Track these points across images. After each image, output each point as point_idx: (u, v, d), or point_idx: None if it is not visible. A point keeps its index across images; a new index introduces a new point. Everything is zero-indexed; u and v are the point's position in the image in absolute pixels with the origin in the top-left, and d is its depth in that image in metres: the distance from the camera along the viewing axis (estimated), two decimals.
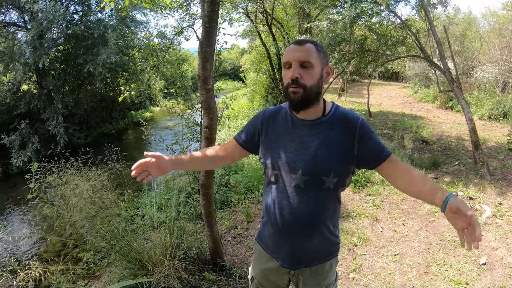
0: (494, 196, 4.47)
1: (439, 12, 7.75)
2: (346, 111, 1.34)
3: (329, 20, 6.92)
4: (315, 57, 1.24)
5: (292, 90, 1.24)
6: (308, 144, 1.29)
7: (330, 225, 1.36)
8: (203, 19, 1.67)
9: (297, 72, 1.23)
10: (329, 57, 1.33)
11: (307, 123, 1.31)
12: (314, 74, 1.24)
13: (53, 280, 3.35)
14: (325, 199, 1.31)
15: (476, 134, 5.46)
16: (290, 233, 1.34)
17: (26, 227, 5.67)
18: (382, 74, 21.84)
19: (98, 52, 9.37)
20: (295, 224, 1.32)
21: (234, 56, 30.97)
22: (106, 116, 13.59)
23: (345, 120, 1.30)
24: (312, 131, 1.30)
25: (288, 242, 1.36)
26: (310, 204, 1.29)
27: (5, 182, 8.05)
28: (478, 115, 10.08)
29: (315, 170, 1.27)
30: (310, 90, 1.24)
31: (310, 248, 1.36)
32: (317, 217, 1.31)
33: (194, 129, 3.19)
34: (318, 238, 1.34)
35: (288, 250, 1.37)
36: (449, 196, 1.12)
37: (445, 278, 2.86)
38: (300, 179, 1.29)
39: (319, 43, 1.29)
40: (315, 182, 1.28)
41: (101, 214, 2.74)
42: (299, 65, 1.23)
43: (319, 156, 1.27)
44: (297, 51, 1.24)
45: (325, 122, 1.30)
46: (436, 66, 6.04)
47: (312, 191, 1.29)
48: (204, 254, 3.00)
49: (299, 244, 1.35)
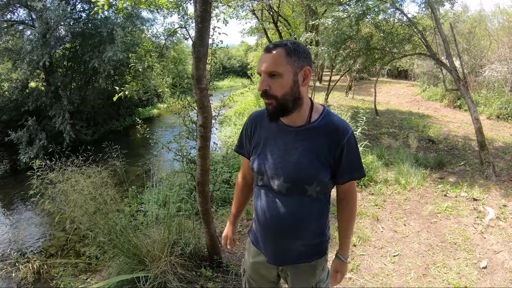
0: (498, 198, 4.41)
1: (446, 9, 7.62)
2: (336, 120, 1.29)
3: (334, 18, 6.86)
4: (284, 63, 1.16)
5: (266, 102, 1.23)
6: (291, 151, 1.27)
7: (315, 227, 1.37)
8: (196, 19, 1.67)
9: (265, 84, 1.19)
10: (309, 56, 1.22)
11: (293, 129, 1.29)
12: (283, 82, 1.18)
13: (56, 274, 3.43)
14: (308, 205, 1.31)
15: (482, 134, 5.37)
16: (273, 235, 1.37)
17: (32, 222, 5.78)
18: (391, 72, 21.61)
19: (104, 50, 9.46)
20: (278, 227, 1.34)
21: (242, 53, 30.92)
22: (114, 113, 13.70)
23: (333, 130, 1.26)
24: (297, 137, 1.28)
25: (272, 243, 1.40)
26: (293, 210, 1.30)
27: (13, 178, 8.20)
28: (486, 115, 9.91)
29: (296, 178, 1.26)
30: (283, 99, 1.19)
31: (294, 249, 1.37)
32: (300, 222, 1.33)
33: (191, 128, 3.21)
34: (302, 240, 1.36)
35: (272, 250, 1.41)
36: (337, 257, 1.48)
37: (444, 281, 2.83)
38: (282, 186, 1.29)
39: (293, 45, 1.19)
40: (297, 190, 1.28)
41: (101, 210, 2.78)
42: (267, 75, 1.19)
43: (302, 164, 1.25)
44: (264, 60, 1.19)
45: (311, 129, 1.27)
46: (442, 64, 5.96)
47: (295, 197, 1.29)
48: (202, 251, 3.03)
49: (283, 246, 1.38)
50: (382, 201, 4.43)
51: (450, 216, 3.98)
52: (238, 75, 28.51)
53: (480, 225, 3.74)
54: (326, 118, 1.28)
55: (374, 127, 9.33)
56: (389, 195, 4.65)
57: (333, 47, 7.37)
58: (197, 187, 2.49)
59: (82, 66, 11.34)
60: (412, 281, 2.84)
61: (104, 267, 3.32)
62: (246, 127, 1.43)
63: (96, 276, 3.31)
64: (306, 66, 1.20)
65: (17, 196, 6.82)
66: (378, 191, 4.69)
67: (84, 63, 10.51)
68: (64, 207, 2.69)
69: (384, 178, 5.14)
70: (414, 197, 4.56)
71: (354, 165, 1.30)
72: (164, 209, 3.70)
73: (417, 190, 4.77)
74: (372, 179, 5.08)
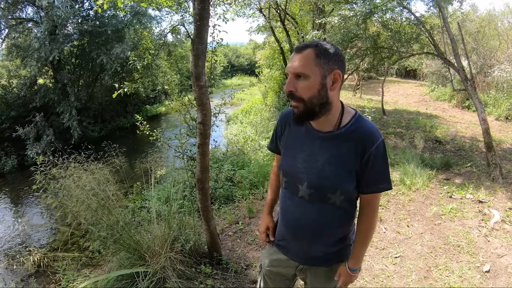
0: (504, 201, 4.33)
1: (454, 8, 7.49)
2: (368, 126, 1.22)
3: (340, 16, 6.80)
4: (313, 65, 1.12)
5: (292, 105, 1.20)
6: (317, 157, 1.24)
7: (338, 234, 1.34)
8: (194, 17, 1.67)
9: (291, 85, 1.15)
10: (340, 59, 1.17)
11: (320, 135, 1.25)
12: (311, 85, 1.13)
13: (58, 267, 3.48)
14: (331, 213, 1.28)
15: (489, 135, 5.28)
16: (295, 238, 1.38)
17: (37, 216, 5.88)
18: (399, 72, 21.40)
19: (112, 47, 9.54)
20: (299, 232, 1.35)
21: (250, 51, 30.87)
22: (121, 110, 13.82)
23: (361, 137, 1.20)
24: (323, 143, 1.24)
25: (294, 245, 1.40)
26: (313, 216, 1.29)
27: (20, 173, 8.34)
28: (495, 116, 9.76)
29: (319, 186, 1.24)
30: (310, 102, 1.15)
31: (315, 252, 1.37)
32: (322, 229, 1.30)
33: (191, 125, 3.22)
34: (323, 246, 1.35)
35: (295, 251, 1.41)
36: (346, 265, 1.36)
37: (445, 284, 2.79)
38: (305, 191, 1.27)
39: (324, 46, 1.15)
40: (320, 197, 1.26)
41: (103, 206, 2.81)
42: (294, 76, 1.15)
43: (326, 172, 1.22)
44: (293, 60, 1.15)
45: (339, 136, 1.22)
46: (450, 64, 5.87)
47: (318, 204, 1.27)
48: (202, 248, 3.04)
49: (304, 248, 1.38)
50: (386, 202, 4.39)
51: (454, 218, 3.93)
52: (246, 73, 28.51)
53: (484, 228, 3.68)
54: (356, 124, 1.22)
55: (381, 126, 9.25)
56: (393, 195, 4.61)
57: (340, 45, 7.30)
58: (197, 184, 2.49)
59: (90, 63, 11.46)
60: (413, 283, 2.81)
61: (106, 262, 3.36)
62: (277, 125, 1.42)
63: (98, 270, 3.35)
64: (336, 70, 1.15)
65: (24, 191, 6.94)
66: (386, 193, 4.65)
67: (92, 60, 10.63)
68: (66, 202, 2.73)
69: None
70: (419, 198, 4.51)
71: (379, 177, 1.23)
72: (167, 206, 3.73)
73: (422, 191, 4.71)
74: None
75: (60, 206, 2.73)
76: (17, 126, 8.40)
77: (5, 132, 9.32)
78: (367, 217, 1.31)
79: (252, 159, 6.25)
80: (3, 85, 10.41)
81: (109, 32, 9.66)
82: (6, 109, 9.59)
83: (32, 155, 8.45)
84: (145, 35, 3.99)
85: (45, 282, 3.56)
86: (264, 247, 3.36)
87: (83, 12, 10.42)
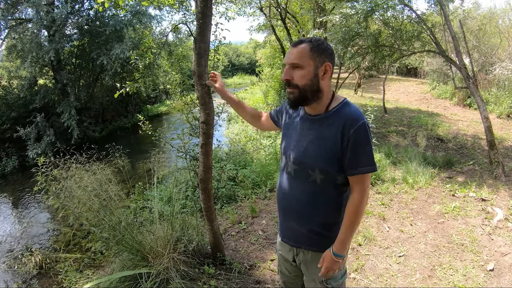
0: (507, 199, 4.31)
1: (456, 6, 7.46)
2: (350, 110, 1.33)
3: (341, 14, 6.77)
4: (307, 57, 1.29)
5: (288, 91, 1.36)
6: (305, 137, 1.39)
7: (322, 217, 1.41)
8: (197, 15, 1.66)
9: (287, 74, 1.33)
10: (330, 53, 1.33)
11: (310, 118, 1.40)
12: (304, 74, 1.30)
13: (60, 269, 3.46)
14: (313, 191, 1.38)
15: (491, 133, 5.26)
16: (284, 214, 1.52)
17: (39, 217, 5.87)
18: (400, 70, 21.33)
19: (112, 47, 9.50)
20: (286, 208, 1.49)
21: (251, 50, 30.77)
22: (122, 110, 13.79)
23: (344, 120, 1.30)
24: (311, 125, 1.39)
25: (285, 222, 1.53)
26: (297, 194, 1.42)
27: (21, 174, 8.31)
28: (496, 113, 9.73)
29: (302, 162, 1.38)
30: (303, 89, 1.31)
31: (300, 233, 1.46)
32: (304, 206, 1.41)
33: (194, 125, 3.20)
34: (308, 225, 1.43)
35: (285, 228, 1.54)
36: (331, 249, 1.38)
37: (450, 283, 2.78)
38: (291, 167, 1.42)
39: (317, 42, 1.31)
40: (302, 173, 1.39)
41: (105, 207, 2.80)
42: (290, 66, 1.32)
43: (309, 150, 1.36)
44: (290, 53, 1.33)
45: (324, 119, 1.35)
46: (451, 62, 5.85)
47: (300, 181, 1.40)
48: (205, 248, 3.02)
49: (291, 226, 1.49)
50: (389, 200, 4.38)
51: (457, 217, 3.91)
52: (247, 72, 28.44)
53: (488, 226, 3.66)
54: (341, 109, 1.34)
55: (383, 125, 9.23)
56: (396, 194, 4.59)
57: (341, 44, 7.27)
58: (200, 184, 2.48)
59: (90, 63, 11.43)
60: (417, 282, 2.80)
61: (108, 263, 3.34)
62: (283, 106, 1.62)
63: (100, 271, 3.34)
64: (327, 62, 1.32)
65: (25, 192, 6.92)
66: (385, 190, 4.64)
67: (92, 60, 10.59)
68: (68, 203, 2.71)
69: (391, 177, 5.08)
70: (422, 197, 4.49)
71: (360, 158, 1.29)
72: (169, 206, 3.71)
73: (425, 190, 4.69)
74: (379, 177, 5.02)
75: (62, 207, 2.71)
76: (18, 127, 8.37)
77: (6, 133, 9.29)
78: (352, 200, 1.35)
79: (254, 158, 6.23)
80: (4, 86, 10.38)
81: (109, 32, 9.62)
82: (6, 110, 9.56)
83: (33, 155, 8.41)
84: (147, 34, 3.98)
85: (47, 283, 3.55)
86: (267, 247, 3.36)
87: (83, 12, 10.39)
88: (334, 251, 1.37)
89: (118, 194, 2.91)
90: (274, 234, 3.60)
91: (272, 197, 4.68)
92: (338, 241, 1.37)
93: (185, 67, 9.26)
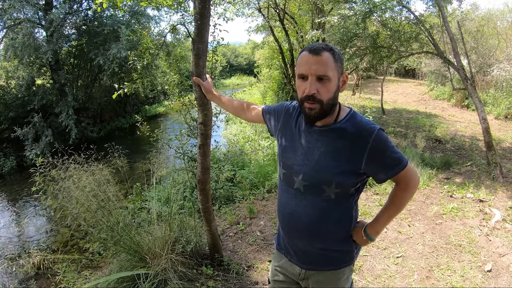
0: (505, 200, 4.33)
1: (454, 7, 7.49)
2: (361, 121, 1.25)
3: (340, 15, 6.79)
4: (333, 68, 1.16)
5: (308, 106, 1.19)
6: (313, 150, 1.26)
7: (336, 233, 1.31)
8: (195, 16, 1.66)
9: (314, 87, 1.16)
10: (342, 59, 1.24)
11: (317, 129, 1.27)
12: (331, 87, 1.18)
13: (58, 269, 3.45)
14: (327, 207, 1.27)
15: (489, 134, 5.28)
16: (291, 234, 1.37)
17: (37, 218, 5.85)
18: (398, 71, 21.42)
19: (109, 47, 9.49)
20: (294, 227, 1.34)
21: (249, 51, 30.76)
22: (120, 110, 13.76)
23: (357, 131, 1.22)
24: (320, 137, 1.26)
25: (291, 242, 1.39)
26: (308, 210, 1.28)
27: (19, 174, 8.29)
28: (494, 114, 9.77)
29: (315, 178, 1.25)
30: (326, 104, 1.19)
31: (313, 252, 1.34)
32: (316, 224, 1.28)
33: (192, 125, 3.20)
34: (320, 244, 1.32)
35: (294, 249, 1.39)
36: (364, 231, 1.33)
37: (447, 284, 2.78)
38: (300, 183, 1.28)
39: (336, 49, 1.20)
40: (314, 189, 1.26)
41: (103, 207, 2.79)
42: (316, 79, 1.16)
43: (322, 164, 1.24)
44: (313, 63, 1.16)
45: (334, 130, 1.24)
46: (449, 63, 5.87)
47: (311, 197, 1.27)
48: (203, 249, 3.02)
49: (301, 247, 1.36)
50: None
51: (455, 218, 3.92)
52: (245, 73, 28.44)
53: (486, 227, 3.68)
54: (351, 119, 1.25)
55: (381, 126, 9.23)
56: None
57: (339, 45, 7.29)
58: (198, 185, 2.48)
59: (88, 63, 11.42)
60: (415, 283, 2.80)
61: (106, 264, 3.34)
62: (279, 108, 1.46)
63: (98, 272, 3.33)
64: (345, 72, 1.24)
65: (23, 192, 6.89)
66: (383, 191, 4.64)
67: (90, 60, 10.57)
68: (66, 204, 2.70)
69: None
70: (420, 198, 4.50)
71: (390, 163, 1.23)
72: (167, 207, 3.71)
73: (423, 191, 4.71)
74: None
75: (60, 208, 2.70)
76: (16, 127, 8.34)
77: (3, 133, 9.27)
78: (397, 192, 1.31)
79: (252, 159, 6.23)
80: (2, 86, 10.35)
81: (107, 32, 9.61)
82: (4, 110, 9.53)
83: (31, 156, 8.39)
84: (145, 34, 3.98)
85: (45, 284, 3.53)
86: (265, 248, 3.36)
87: (82, 12, 10.37)
88: (368, 233, 1.32)
89: (116, 194, 2.91)
90: (272, 235, 3.60)
91: (270, 198, 4.68)
92: (375, 226, 1.34)
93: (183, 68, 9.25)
